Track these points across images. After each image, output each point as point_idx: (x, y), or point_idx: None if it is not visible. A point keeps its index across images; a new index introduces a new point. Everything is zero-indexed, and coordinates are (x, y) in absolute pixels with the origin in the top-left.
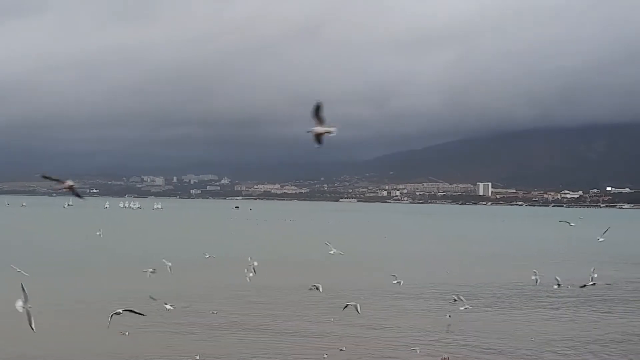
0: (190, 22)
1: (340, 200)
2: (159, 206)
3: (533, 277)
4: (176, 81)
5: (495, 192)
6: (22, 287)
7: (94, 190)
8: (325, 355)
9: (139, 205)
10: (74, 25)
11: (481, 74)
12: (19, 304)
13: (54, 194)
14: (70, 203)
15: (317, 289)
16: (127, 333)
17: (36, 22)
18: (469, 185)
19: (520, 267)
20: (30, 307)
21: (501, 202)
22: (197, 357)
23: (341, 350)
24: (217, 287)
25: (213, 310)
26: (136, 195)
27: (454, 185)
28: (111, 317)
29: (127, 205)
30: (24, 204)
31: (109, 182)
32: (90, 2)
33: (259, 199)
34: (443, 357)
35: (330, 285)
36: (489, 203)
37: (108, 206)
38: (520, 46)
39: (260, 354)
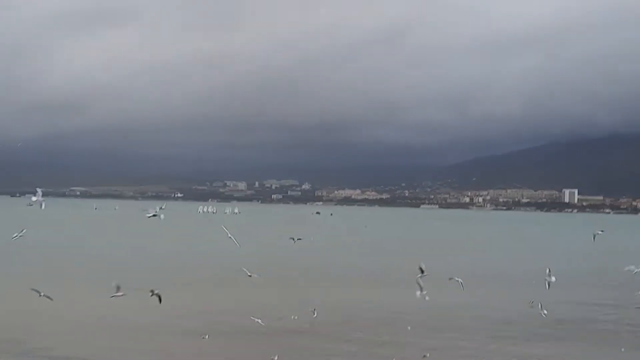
0: (274, 29)
1: (422, 206)
2: (237, 210)
3: None
4: (260, 86)
5: (582, 199)
6: None
7: (179, 195)
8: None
9: (214, 210)
10: (161, 33)
11: (563, 79)
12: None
13: (140, 198)
14: (163, 207)
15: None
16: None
17: (126, 30)
18: (554, 192)
19: None
20: None
21: (587, 210)
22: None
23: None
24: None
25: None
26: (219, 200)
27: (538, 192)
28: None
29: (205, 210)
30: (117, 207)
31: (193, 187)
32: (176, 11)
33: (339, 204)
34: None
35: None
36: (575, 210)
37: (201, 211)
38: (602, 50)
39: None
